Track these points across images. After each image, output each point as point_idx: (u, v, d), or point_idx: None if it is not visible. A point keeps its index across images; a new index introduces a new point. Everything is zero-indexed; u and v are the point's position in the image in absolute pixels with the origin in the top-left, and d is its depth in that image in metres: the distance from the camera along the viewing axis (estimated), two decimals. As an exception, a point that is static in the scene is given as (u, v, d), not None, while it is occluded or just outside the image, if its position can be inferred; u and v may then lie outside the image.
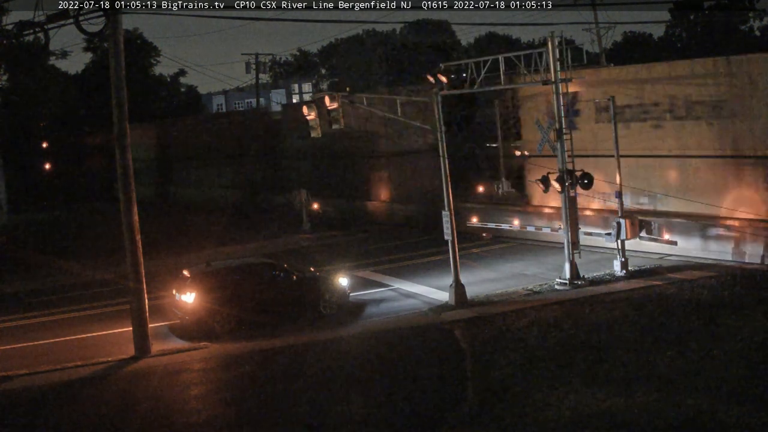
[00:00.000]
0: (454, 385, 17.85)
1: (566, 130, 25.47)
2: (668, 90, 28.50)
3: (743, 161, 26.57)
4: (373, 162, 42.37)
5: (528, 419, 15.33)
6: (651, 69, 29.87)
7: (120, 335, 23.34)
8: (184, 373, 20.15)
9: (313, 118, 25.82)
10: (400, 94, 33.73)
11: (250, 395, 18.13)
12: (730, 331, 19.17)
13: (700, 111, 27.53)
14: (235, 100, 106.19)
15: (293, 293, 24.39)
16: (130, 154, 21.56)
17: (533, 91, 31.82)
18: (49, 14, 21.47)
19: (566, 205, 25.69)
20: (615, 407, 15.37)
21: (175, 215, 51.09)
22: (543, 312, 22.53)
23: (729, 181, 27.08)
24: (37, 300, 29.49)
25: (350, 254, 33.56)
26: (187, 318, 23.63)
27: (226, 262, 26.30)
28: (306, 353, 20.86)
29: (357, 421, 16.11)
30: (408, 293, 26.61)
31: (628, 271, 26.18)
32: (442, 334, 21.72)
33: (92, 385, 19.67)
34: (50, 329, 25.08)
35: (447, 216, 24.75)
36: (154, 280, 26.54)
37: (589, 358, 18.27)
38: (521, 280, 26.90)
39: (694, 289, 23.48)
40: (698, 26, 70.21)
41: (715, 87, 27.06)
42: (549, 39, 25.09)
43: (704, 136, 27.63)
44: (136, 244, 21.60)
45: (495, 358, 19.09)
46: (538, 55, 25.59)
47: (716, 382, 16.12)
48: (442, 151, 24.78)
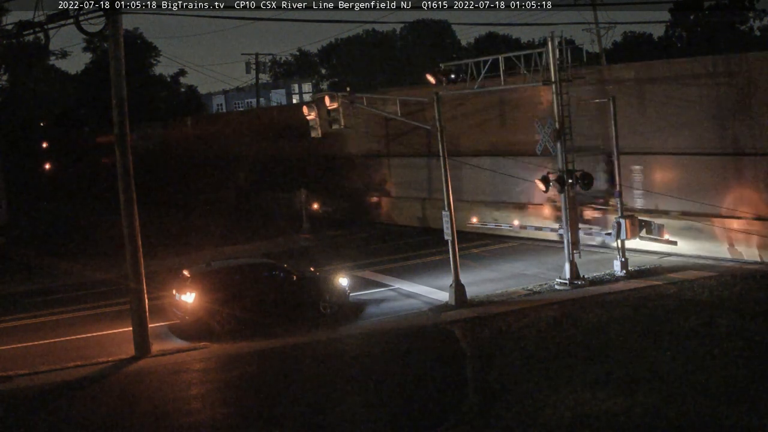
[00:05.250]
0: (454, 385, 17.86)
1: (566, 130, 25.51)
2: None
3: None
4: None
5: (528, 419, 15.33)
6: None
7: (120, 335, 23.34)
8: (184, 373, 20.15)
9: (313, 118, 25.82)
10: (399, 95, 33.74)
11: (250, 395, 18.14)
12: (730, 331, 19.18)
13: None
14: (235, 100, 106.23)
15: (293, 293, 24.39)
16: (130, 154, 21.57)
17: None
18: (49, 14, 21.52)
19: (566, 205, 25.70)
20: (615, 407, 15.37)
21: (175, 215, 51.04)
22: (543, 312, 22.53)
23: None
24: (37, 300, 29.47)
25: (350, 254, 33.61)
26: (187, 318, 23.64)
27: (226, 262, 26.29)
28: (306, 353, 20.86)
29: (357, 421, 16.12)
30: (408, 293, 26.61)
31: (628, 271, 26.18)
32: (442, 335, 21.72)
33: (92, 385, 19.67)
34: (50, 329, 25.08)
35: (447, 216, 24.75)
36: (154, 280, 26.55)
37: (589, 359, 18.27)
38: (521, 280, 26.91)
39: (694, 289, 23.50)
40: (698, 26, 70.19)
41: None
42: (549, 39, 25.10)
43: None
44: (136, 244, 21.61)
45: (495, 358, 19.09)
46: (538, 55, 25.59)
47: (716, 382, 16.13)
48: (442, 151, 24.78)
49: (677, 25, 72.66)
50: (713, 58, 27.76)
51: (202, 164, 57.49)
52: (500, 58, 26.12)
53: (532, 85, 27.15)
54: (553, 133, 25.47)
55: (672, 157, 28.54)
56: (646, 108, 29.11)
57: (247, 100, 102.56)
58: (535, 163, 30.07)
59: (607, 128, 27.79)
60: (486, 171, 34.01)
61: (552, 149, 25.84)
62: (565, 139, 25.50)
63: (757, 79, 25.96)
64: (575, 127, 26.55)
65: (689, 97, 27.72)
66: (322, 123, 25.82)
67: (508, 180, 33.35)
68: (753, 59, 26.65)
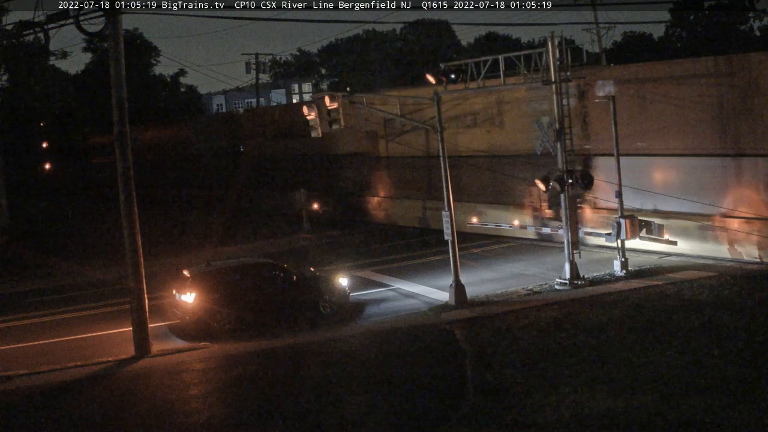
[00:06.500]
0: (454, 385, 17.85)
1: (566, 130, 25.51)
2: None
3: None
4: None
5: (528, 419, 15.33)
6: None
7: (120, 335, 23.34)
8: (184, 373, 20.14)
9: (313, 118, 25.81)
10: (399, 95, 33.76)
11: (250, 395, 18.13)
12: (730, 331, 19.18)
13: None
14: (235, 100, 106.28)
15: (293, 293, 24.38)
16: (130, 154, 21.57)
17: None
18: (49, 14, 21.55)
19: (566, 205, 25.70)
20: (615, 407, 15.37)
21: (176, 215, 51.04)
22: (543, 312, 22.53)
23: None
24: (37, 300, 29.48)
25: (350, 254, 33.61)
26: (187, 318, 23.63)
27: (226, 262, 26.30)
28: (306, 353, 20.86)
29: (357, 421, 16.11)
30: (408, 293, 26.61)
31: (628, 271, 26.19)
32: (442, 335, 21.71)
33: (92, 385, 19.67)
34: (50, 329, 25.09)
35: (447, 216, 24.75)
36: (154, 280, 26.54)
37: (589, 359, 18.27)
38: (521, 280, 26.91)
39: (694, 289, 23.50)
40: (698, 26, 70.17)
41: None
42: (549, 39, 25.10)
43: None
44: (136, 244, 21.61)
45: (495, 358, 19.09)
46: (538, 55, 25.60)
47: (716, 382, 16.13)
48: (442, 151, 24.78)
49: (677, 25, 72.64)
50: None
51: (202, 164, 57.53)
52: (500, 58, 26.13)
53: (532, 85, 27.16)
54: (553, 133, 25.48)
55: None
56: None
57: (247, 100, 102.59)
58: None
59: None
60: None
61: (552, 149, 25.85)
62: (565, 139, 25.51)
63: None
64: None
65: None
66: (322, 123, 25.81)
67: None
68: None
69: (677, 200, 27.72)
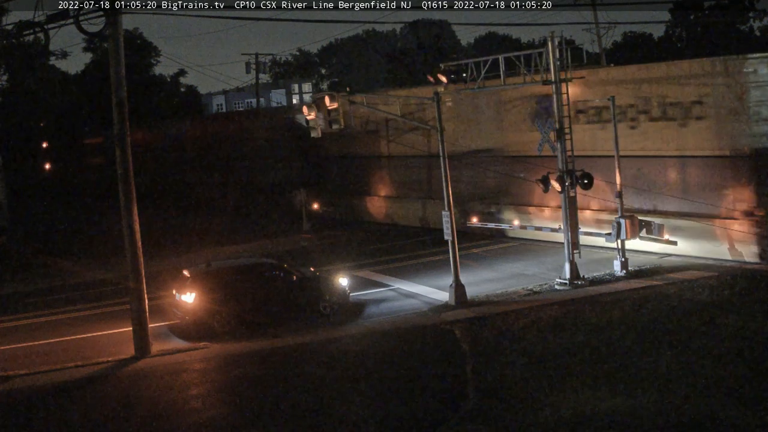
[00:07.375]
0: (454, 385, 17.85)
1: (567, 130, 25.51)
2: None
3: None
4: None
5: (528, 419, 15.33)
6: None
7: (120, 335, 23.34)
8: (184, 373, 20.14)
9: (313, 118, 25.82)
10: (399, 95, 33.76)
11: (250, 395, 18.13)
12: (730, 331, 19.18)
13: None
14: (235, 100, 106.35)
15: (293, 293, 24.38)
16: (130, 154, 21.57)
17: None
18: (49, 14, 21.56)
19: (566, 205, 25.69)
20: (615, 407, 15.37)
21: (175, 215, 51.03)
22: (543, 312, 22.53)
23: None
24: (37, 300, 29.48)
25: (350, 254, 33.61)
26: (187, 318, 23.63)
27: (226, 262, 26.29)
28: (306, 353, 20.86)
29: (357, 421, 16.11)
30: (408, 293, 26.61)
31: (628, 271, 26.18)
32: (442, 335, 21.71)
33: (92, 386, 19.67)
34: (50, 329, 25.08)
35: (447, 216, 24.74)
36: (154, 280, 26.55)
37: (589, 358, 18.27)
38: (521, 280, 26.90)
39: (694, 289, 23.49)
40: (698, 26, 70.15)
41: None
42: (549, 39, 25.10)
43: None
44: (136, 244, 21.60)
45: (495, 358, 19.09)
46: (538, 55, 25.59)
47: (716, 382, 16.13)
48: (442, 151, 24.78)
49: (677, 25, 72.63)
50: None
51: (202, 164, 57.53)
52: (500, 58, 26.13)
53: (532, 85, 27.16)
54: (553, 133, 25.47)
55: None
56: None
57: (247, 100, 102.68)
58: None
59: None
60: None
61: (552, 149, 25.85)
62: (566, 138, 25.51)
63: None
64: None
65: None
66: (322, 123, 25.83)
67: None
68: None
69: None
